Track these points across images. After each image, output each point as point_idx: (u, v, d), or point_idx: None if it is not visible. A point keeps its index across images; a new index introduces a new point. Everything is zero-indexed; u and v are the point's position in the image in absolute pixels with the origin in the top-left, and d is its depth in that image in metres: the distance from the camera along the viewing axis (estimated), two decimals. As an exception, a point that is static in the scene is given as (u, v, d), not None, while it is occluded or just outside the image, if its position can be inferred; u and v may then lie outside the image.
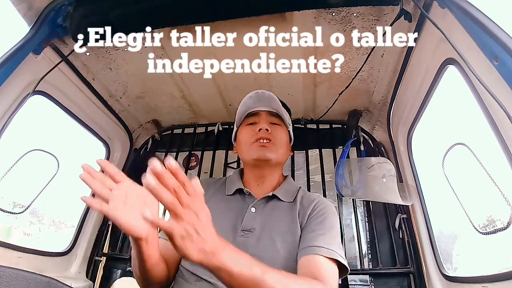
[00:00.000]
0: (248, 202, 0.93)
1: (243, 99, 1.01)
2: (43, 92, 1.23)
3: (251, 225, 0.87)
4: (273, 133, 0.96)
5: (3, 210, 1.10)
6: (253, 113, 1.02)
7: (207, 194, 0.98)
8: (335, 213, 0.91)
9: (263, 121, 0.98)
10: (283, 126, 1.02)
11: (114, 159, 1.75)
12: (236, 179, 1.00)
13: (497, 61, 0.71)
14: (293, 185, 1.01)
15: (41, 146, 1.22)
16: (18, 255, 1.18)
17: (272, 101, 0.99)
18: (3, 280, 0.72)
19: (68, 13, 1.10)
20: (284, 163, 1.04)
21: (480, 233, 0.91)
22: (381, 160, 1.52)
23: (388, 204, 1.54)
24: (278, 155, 0.96)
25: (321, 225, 0.84)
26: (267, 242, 0.84)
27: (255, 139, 0.95)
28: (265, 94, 0.99)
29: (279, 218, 0.89)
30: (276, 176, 1.00)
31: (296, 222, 0.88)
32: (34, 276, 0.78)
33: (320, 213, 0.88)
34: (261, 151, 0.93)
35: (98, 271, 1.59)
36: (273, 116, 1.01)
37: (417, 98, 1.23)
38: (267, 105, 1.01)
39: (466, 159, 0.93)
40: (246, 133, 0.99)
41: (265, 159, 0.93)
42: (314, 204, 0.91)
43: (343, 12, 1.11)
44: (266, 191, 0.96)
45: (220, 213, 0.90)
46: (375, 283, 1.42)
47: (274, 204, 0.93)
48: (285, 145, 1.00)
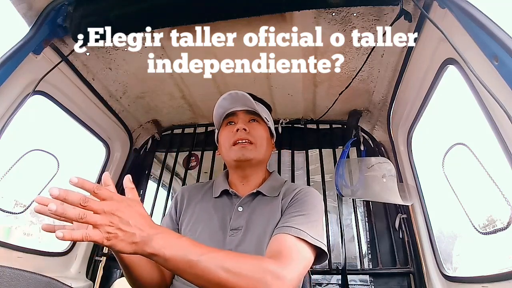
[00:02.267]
0: (235, 201, 0.94)
1: (218, 102, 0.99)
2: (43, 92, 1.23)
3: (238, 223, 0.88)
4: (252, 132, 0.96)
5: (3, 210, 1.10)
6: (230, 114, 1.01)
7: (197, 198, 0.99)
8: (317, 199, 0.90)
9: (241, 120, 0.97)
10: (261, 123, 1.01)
11: (114, 159, 1.75)
12: (221, 181, 1.01)
13: (497, 61, 0.71)
14: (277, 180, 1.01)
15: (41, 146, 1.22)
16: (18, 255, 1.18)
17: (247, 100, 0.97)
18: (3, 280, 0.72)
19: (68, 13, 1.10)
20: (268, 159, 1.03)
21: (480, 233, 0.91)
22: (381, 160, 1.52)
23: (388, 204, 1.54)
24: (259, 153, 0.95)
25: (297, 208, 0.84)
26: (253, 238, 0.84)
27: (234, 141, 0.94)
28: (238, 95, 0.97)
29: (263, 213, 0.89)
30: (261, 174, 1.00)
31: (278, 213, 0.88)
32: (34, 276, 0.78)
33: (299, 198, 0.88)
34: (241, 151, 0.92)
35: (98, 271, 1.59)
36: (250, 114, 1.00)
37: (417, 98, 1.23)
38: (242, 104, 0.99)
39: (466, 159, 0.93)
40: (225, 135, 0.98)
41: (245, 160, 0.93)
42: (296, 192, 0.91)
43: (343, 12, 1.11)
44: (251, 188, 0.96)
45: (209, 216, 0.92)
46: (375, 283, 1.42)
47: (259, 200, 0.93)
48: (265, 142, 0.98)
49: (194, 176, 1.99)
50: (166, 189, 2.01)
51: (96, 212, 0.54)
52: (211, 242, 0.85)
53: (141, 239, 0.56)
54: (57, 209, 0.51)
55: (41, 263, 1.29)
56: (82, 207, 0.52)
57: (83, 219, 0.52)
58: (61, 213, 0.51)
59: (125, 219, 0.55)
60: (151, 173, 1.94)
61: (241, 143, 0.93)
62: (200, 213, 0.94)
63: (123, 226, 0.55)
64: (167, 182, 2.01)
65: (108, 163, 1.72)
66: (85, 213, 0.52)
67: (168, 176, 1.97)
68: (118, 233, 0.54)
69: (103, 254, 1.62)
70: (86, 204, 0.52)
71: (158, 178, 1.91)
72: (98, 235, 0.53)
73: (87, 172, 1.86)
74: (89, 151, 1.90)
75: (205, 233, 0.88)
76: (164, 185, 2.02)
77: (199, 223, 0.91)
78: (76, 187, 0.54)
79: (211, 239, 0.86)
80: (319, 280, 1.50)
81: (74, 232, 0.52)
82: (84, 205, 0.52)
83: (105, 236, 0.54)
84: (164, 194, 1.90)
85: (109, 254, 1.63)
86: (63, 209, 0.51)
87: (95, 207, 0.53)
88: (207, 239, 0.86)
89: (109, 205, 0.55)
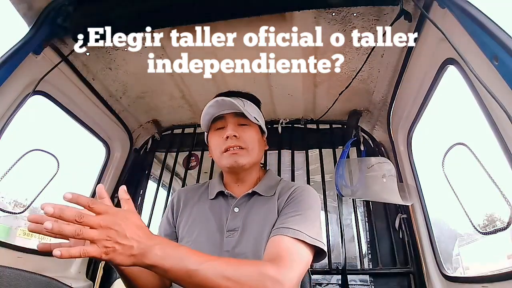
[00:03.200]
0: (231, 202, 0.94)
1: (204, 109, 0.95)
2: (43, 92, 1.23)
3: (235, 224, 0.88)
4: (242, 137, 0.92)
5: (3, 210, 1.10)
6: (219, 117, 0.96)
7: (193, 199, 0.99)
8: (313, 197, 0.89)
9: (230, 125, 0.93)
10: (251, 125, 0.96)
11: (114, 159, 1.75)
12: (217, 183, 1.00)
13: (497, 61, 0.71)
14: (273, 179, 0.99)
15: (41, 146, 1.22)
16: (18, 255, 1.17)
17: (234, 104, 0.91)
18: (3, 280, 0.72)
19: (68, 13, 1.10)
20: (261, 159, 1.01)
21: (480, 233, 0.91)
22: (381, 160, 1.52)
23: (388, 204, 1.54)
24: (251, 158, 0.93)
25: (294, 208, 0.83)
26: (249, 238, 0.84)
27: (224, 149, 0.91)
28: (225, 101, 0.91)
29: (259, 213, 0.89)
30: (254, 175, 0.98)
31: (274, 213, 0.87)
32: (34, 276, 0.78)
33: (295, 197, 0.87)
34: (233, 158, 0.90)
35: (98, 271, 1.59)
36: (239, 117, 0.95)
37: (417, 98, 1.23)
38: (230, 107, 0.94)
39: (466, 159, 0.93)
40: (215, 140, 0.95)
41: (238, 166, 0.91)
42: (292, 191, 0.90)
43: (343, 12, 1.11)
44: (246, 189, 0.95)
45: (206, 218, 0.92)
46: (375, 283, 1.42)
47: (255, 200, 0.92)
48: (257, 144, 0.96)
49: (194, 176, 1.99)
50: (166, 189, 2.01)
51: (93, 227, 0.53)
52: (209, 244, 0.85)
53: (139, 251, 0.56)
54: (53, 227, 0.51)
55: (41, 263, 1.29)
56: (77, 223, 0.52)
57: (79, 236, 0.52)
58: (57, 231, 0.51)
59: (122, 232, 0.55)
60: (151, 173, 1.94)
61: (232, 151, 0.91)
62: (197, 215, 0.94)
63: (120, 239, 0.55)
64: (167, 182, 2.01)
65: (108, 163, 1.72)
66: (82, 229, 0.52)
67: (168, 176, 1.97)
68: (116, 246, 0.54)
69: (103, 254, 1.62)
70: (82, 220, 0.52)
71: (158, 178, 1.91)
72: (96, 251, 0.53)
73: (87, 172, 1.86)
74: (89, 151, 1.90)
75: (202, 235, 0.88)
76: (164, 185, 2.02)
77: (196, 225, 0.91)
78: (71, 202, 0.53)
79: (209, 241, 0.86)
80: (319, 280, 1.50)
81: (71, 249, 0.52)
82: (80, 221, 0.52)
83: (103, 251, 0.54)
84: (164, 194, 1.90)
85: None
86: (59, 226, 0.51)
87: (91, 222, 0.53)
88: (205, 241, 0.86)
89: (105, 219, 0.55)
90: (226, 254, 0.83)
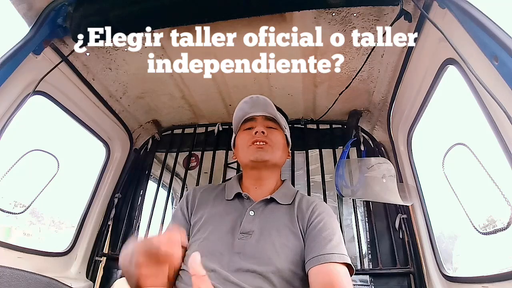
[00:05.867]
0: (247, 205, 0.95)
1: (239, 105, 1.02)
2: (43, 92, 1.23)
3: (249, 227, 0.88)
4: (269, 136, 0.98)
5: (3, 210, 1.10)
6: (250, 119, 1.03)
7: (208, 199, 1.00)
8: (334, 216, 0.93)
9: (260, 125, 1.00)
10: (279, 130, 1.03)
11: (114, 159, 1.75)
12: (235, 184, 1.02)
13: (497, 61, 0.71)
14: (291, 189, 1.03)
15: (41, 146, 1.22)
16: (18, 255, 1.17)
17: (267, 106, 1.00)
18: (3, 280, 0.72)
19: (68, 13, 1.10)
20: (282, 165, 1.05)
21: (480, 233, 0.91)
22: (381, 160, 1.52)
23: (388, 204, 1.54)
24: (275, 156, 0.97)
25: (324, 232, 0.85)
26: (266, 243, 0.84)
27: (251, 142, 0.97)
28: (259, 99, 1.00)
29: (278, 220, 0.90)
30: (274, 179, 1.02)
31: (295, 223, 0.89)
32: (34, 276, 0.78)
33: (320, 218, 0.89)
34: (258, 152, 0.95)
35: (98, 271, 1.59)
36: (269, 121, 1.03)
37: (417, 98, 1.23)
38: (262, 109, 1.02)
39: (466, 159, 0.93)
40: (243, 138, 1.01)
41: (261, 160, 0.95)
42: (312, 208, 0.92)
43: (343, 12, 1.11)
44: (265, 194, 0.97)
45: (220, 217, 0.93)
46: (375, 283, 1.42)
47: (273, 207, 0.94)
48: (281, 147, 1.01)
49: (194, 176, 1.99)
50: (166, 189, 2.01)
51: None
52: (219, 244, 0.85)
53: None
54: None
55: (41, 263, 1.29)
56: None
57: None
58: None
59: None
60: (151, 173, 1.94)
61: (258, 145, 0.95)
62: (211, 215, 0.94)
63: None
64: (167, 183, 2.01)
65: (108, 163, 1.72)
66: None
67: (168, 176, 1.97)
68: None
69: (103, 254, 1.62)
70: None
71: (158, 179, 1.91)
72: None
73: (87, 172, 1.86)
74: (89, 151, 1.90)
75: (215, 234, 0.89)
76: (164, 185, 2.02)
77: (210, 224, 0.92)
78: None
79: (220, 240, 0.86)
80: (319, 280, 1.49)
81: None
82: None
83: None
84: (164, 194, 1.89)
85: (109, 254, 1.63)
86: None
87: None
88: (216, 240, 0.87)
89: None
90: (237, 256, 0.83)
